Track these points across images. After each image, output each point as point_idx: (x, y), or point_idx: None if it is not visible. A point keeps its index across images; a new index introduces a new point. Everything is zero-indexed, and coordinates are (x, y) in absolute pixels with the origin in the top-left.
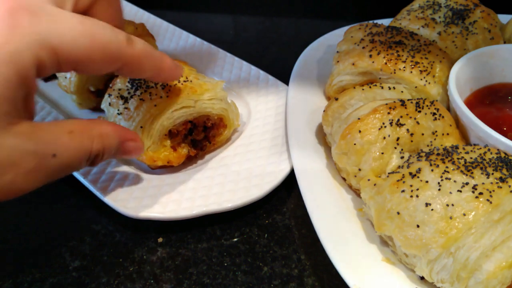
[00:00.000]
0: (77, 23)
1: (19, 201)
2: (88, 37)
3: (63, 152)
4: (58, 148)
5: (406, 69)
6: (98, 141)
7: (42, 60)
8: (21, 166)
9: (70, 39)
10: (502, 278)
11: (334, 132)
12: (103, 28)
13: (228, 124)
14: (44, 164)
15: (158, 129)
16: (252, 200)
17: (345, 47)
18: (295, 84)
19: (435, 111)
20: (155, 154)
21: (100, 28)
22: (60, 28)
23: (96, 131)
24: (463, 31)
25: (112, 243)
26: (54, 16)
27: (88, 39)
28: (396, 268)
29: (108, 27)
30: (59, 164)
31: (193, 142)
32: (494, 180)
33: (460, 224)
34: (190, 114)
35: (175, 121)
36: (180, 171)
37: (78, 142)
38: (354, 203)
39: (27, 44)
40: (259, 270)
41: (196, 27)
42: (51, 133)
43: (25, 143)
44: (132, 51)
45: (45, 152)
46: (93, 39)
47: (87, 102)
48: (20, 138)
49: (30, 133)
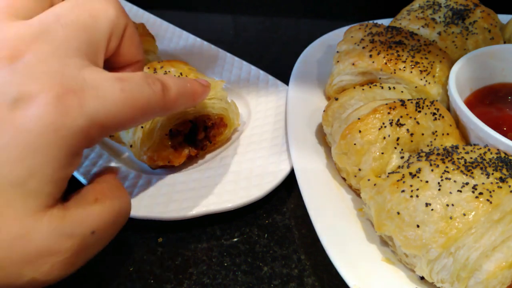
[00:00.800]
0: (118, 92)
1: None
2: (130, 103)
3: (101, 224)
4: (94, 223)
5: (406, 69)
6: (126, 199)
7: (92, 138)
8: (60, 253)
9: (115, 112)
10: (502, 278)
11: (334, 132)
12: (141, 88)
13: (228, 124)
14: (85, 244)
15: (159, 129)
16: (252, 200)
17: (345, 47)
18: (295, 84)
19: (435, 111)
20: (156, 154)
21: (139, 90)
22: (106, 104)
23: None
24: (463, 31)
25: (112, 243)
26: (98, 90)
27: (130, 105)
28: (396, 268)
29: (145, 85)
30: (99, 238)
31: (194, 142)
32: (494, 180)
33: (460, 224)
34: (190, 114)
35: (176, 121)
36: (180, 171)
37: (109, 207)
38: (354, 203)
39: (78, 127)
40: (259, 270)
41: (196, 27)
42: (81, 208)
43: (62, 227)
44: (168, 99)
45: (83, 232)
46: (135, 104)
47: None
48: (55, 222)
49: (63, 215)
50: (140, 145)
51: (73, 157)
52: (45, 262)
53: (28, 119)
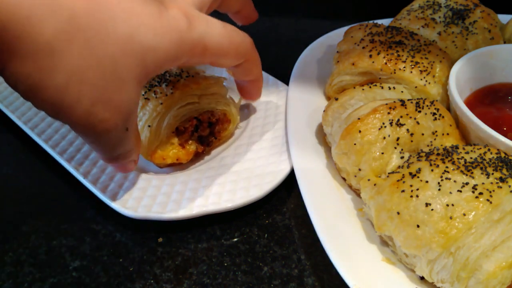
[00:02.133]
0: (221, 27)
1: (19, 201)
2: (227, 38)
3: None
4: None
5: (406, 69)
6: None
7: (193, 54)
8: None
9: (217, 39)
10: (502, 278)
11: (334, 132)
12: (237, 32)
13: (232, 119)
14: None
15: (165, 127)
16: (252, 200)
17: (345, 47)
18: (295, 84)
19: (435, 111)
20: (164, 152)
21: (235, 32)
22: (213, 32)
23: None
24: (463, 31)
25: (112, 243)
26: (208, 21)
27: (227, 40)
28: (396, 268)
29: (240, 32)
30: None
31: (200, 139)
32: (494, 180)
33: (460, 224)
34: (195, 110)
35: (181, 118)
36: (180, 171)
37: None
38: (354, 203)
39: (192, 39)
40: (259, 270)
41: None
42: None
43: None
44: (255, 53)
45: None
46: (231, 40)
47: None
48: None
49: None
50: (148, 144)
51: (178, 54)
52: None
53: (171, 15)
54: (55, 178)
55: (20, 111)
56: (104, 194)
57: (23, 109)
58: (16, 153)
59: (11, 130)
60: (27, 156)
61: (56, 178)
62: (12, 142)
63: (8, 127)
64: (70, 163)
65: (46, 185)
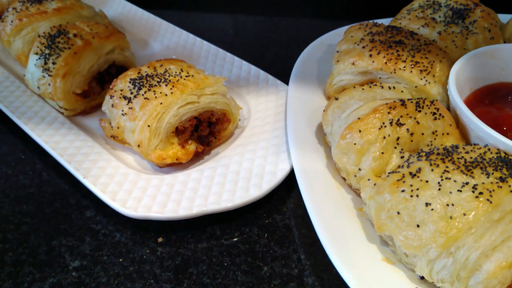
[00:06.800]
0: None
1: (19, 200)
2: None
3: None
4: None
5: (406, 69)
6: None
7: None
8: None
9: None
10: (502, 278)
11: (334, 132)
12: None
13: (231, 119)
14: None
15: (165, 127)
16: (252, 200)
17: (345, 46)
18: (295, 84)
19: (435, 110)
20: (164, 152)
21: None
22: None
23: None
24: (463, 30)
25: (112, 243)
26: None
27: None
28: (396, 268)
29: None
30: None
31: (200, 138)
32: (494, 179)
33: (460, 224)
34: (195, 110)
35: (181, 118)
36: (180, 171)
37: None
38: (354, 203)
39: None
40: (259, 270)
41: (196, 27)
42: None
43: None
44: None
45: None
46: None
47: (75, 105)
48: None
49: None
50: (148, 144)
51: None
52: None
53: None
54: (55, 178)
55: (20, 111)
56: (104, 194)
57: (23, 109)
58: (16, 153)
59: (11, 130)
60: (27, 156)
61: (56, 178)
62: (12, 142)
63: (8, 127)
64: (70, 163)
65: (46, 185)
